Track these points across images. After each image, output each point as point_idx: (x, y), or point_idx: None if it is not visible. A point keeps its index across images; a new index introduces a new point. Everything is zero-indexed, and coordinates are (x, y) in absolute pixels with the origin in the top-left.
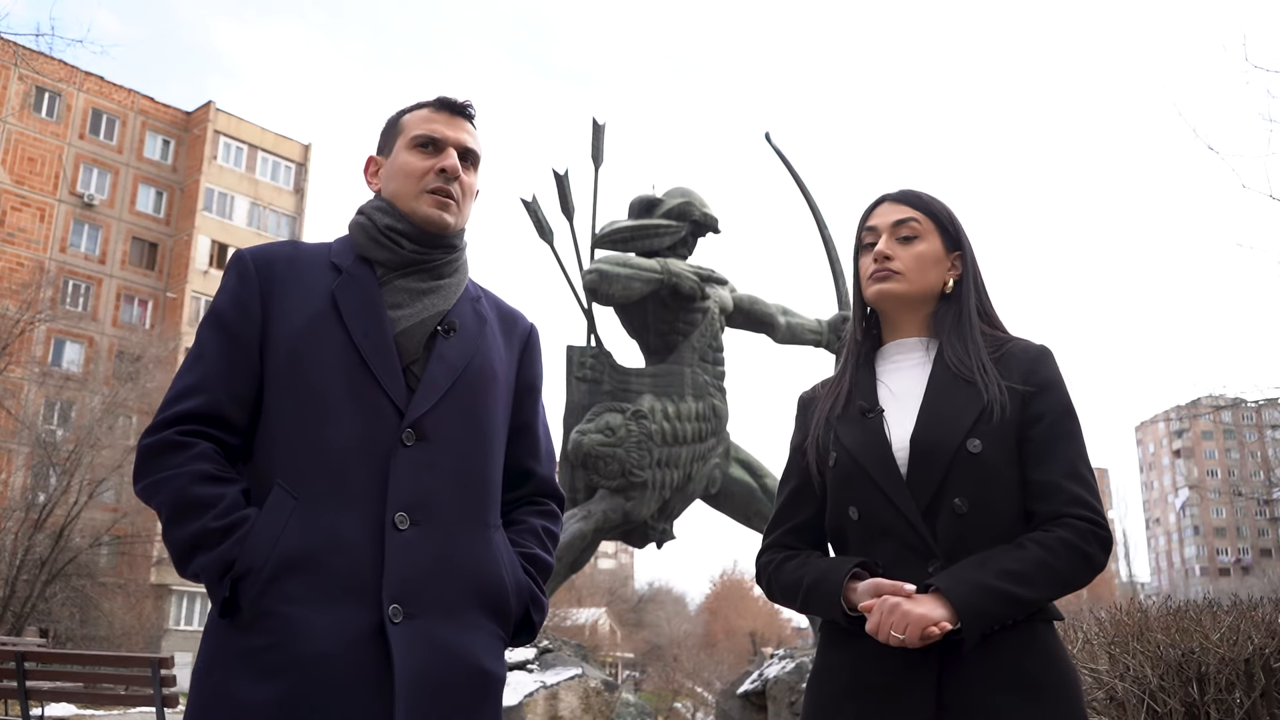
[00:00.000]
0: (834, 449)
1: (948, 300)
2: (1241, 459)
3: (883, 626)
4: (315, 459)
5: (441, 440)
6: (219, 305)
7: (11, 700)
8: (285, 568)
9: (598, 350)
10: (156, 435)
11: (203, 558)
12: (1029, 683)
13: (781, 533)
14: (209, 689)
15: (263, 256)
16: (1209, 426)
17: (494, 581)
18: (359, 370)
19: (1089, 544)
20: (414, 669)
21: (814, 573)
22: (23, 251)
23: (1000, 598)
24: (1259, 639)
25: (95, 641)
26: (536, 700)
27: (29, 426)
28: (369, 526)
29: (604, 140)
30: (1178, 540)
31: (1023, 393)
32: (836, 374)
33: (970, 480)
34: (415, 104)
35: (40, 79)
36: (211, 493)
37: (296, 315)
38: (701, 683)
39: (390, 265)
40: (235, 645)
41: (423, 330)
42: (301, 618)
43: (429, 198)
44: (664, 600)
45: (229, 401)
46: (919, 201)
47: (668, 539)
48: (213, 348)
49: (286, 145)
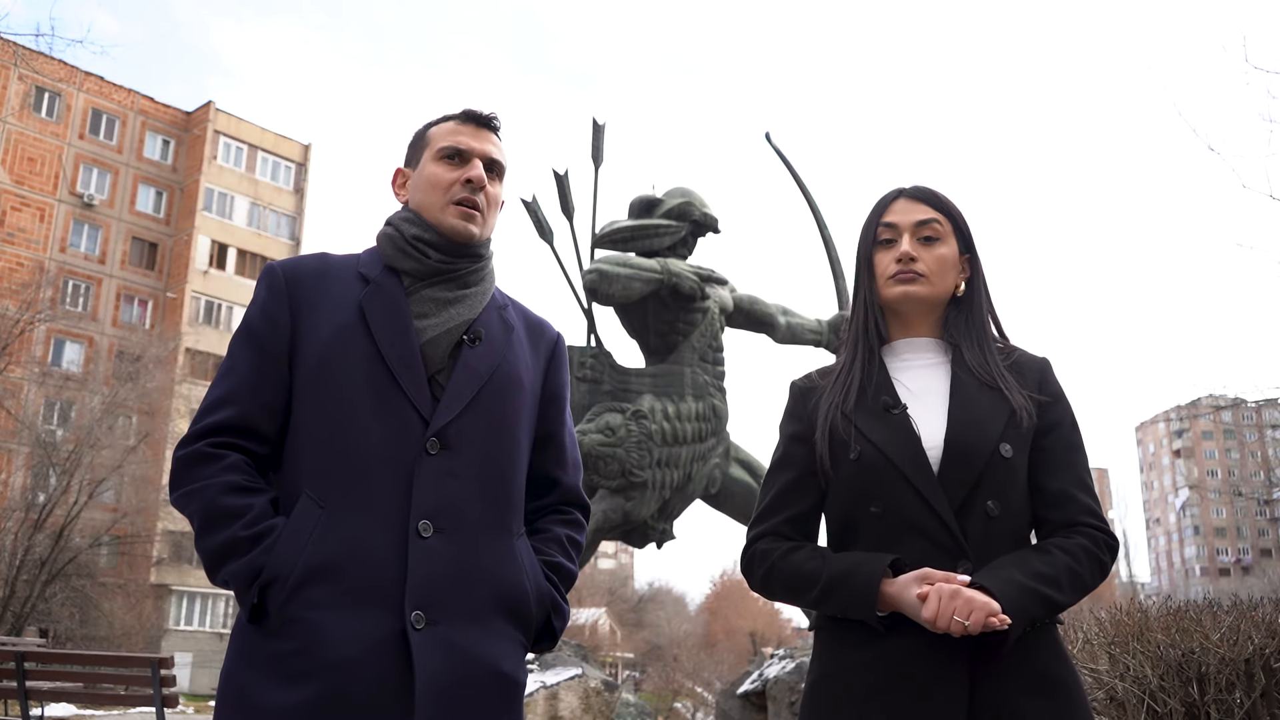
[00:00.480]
0: (857, 443)
1: (958, 303)
2: (1241, 459)
3: (943, 612)
4: (341, 467)
5: (466, 448)
6: (250, 317)
7: (11, 700)
8: (311, 574)
9: (598, 350)
10: (189, 448)
11: (231, 565)
12: (1047, 682)
13: (779, 521)
14: (236, 692)
15: (292, 269)
16: (1209, 426)
17: (516, 588)
18: (385, 380)
19: (1103, 552)
20: (435, 674)
21: (838, 566)
22: (23, 251)
23: (1039, 599)
24: (1259, 639)
25: (95, 641)
26: (536, 700)
27: (29, 426)
28: (392, 534)
29: (604, 140)
30: (1178, 540)
31: (1039, 402)
32: (841, 365)
33: (1002, 484)
34: (442, 117)
35: (40, 79)
36: (240, 503)
37: (324, 326)
38: (701, 683)
39: (417, 275)
40: (262, 650)
41: (448, 339)
42: (327, 623)
43: (455, 208)
44: (664, 600)
45: (259, 413)
46: (939, 202)
47: (668, 539)
48: (243, 360)
49: (286, 145)
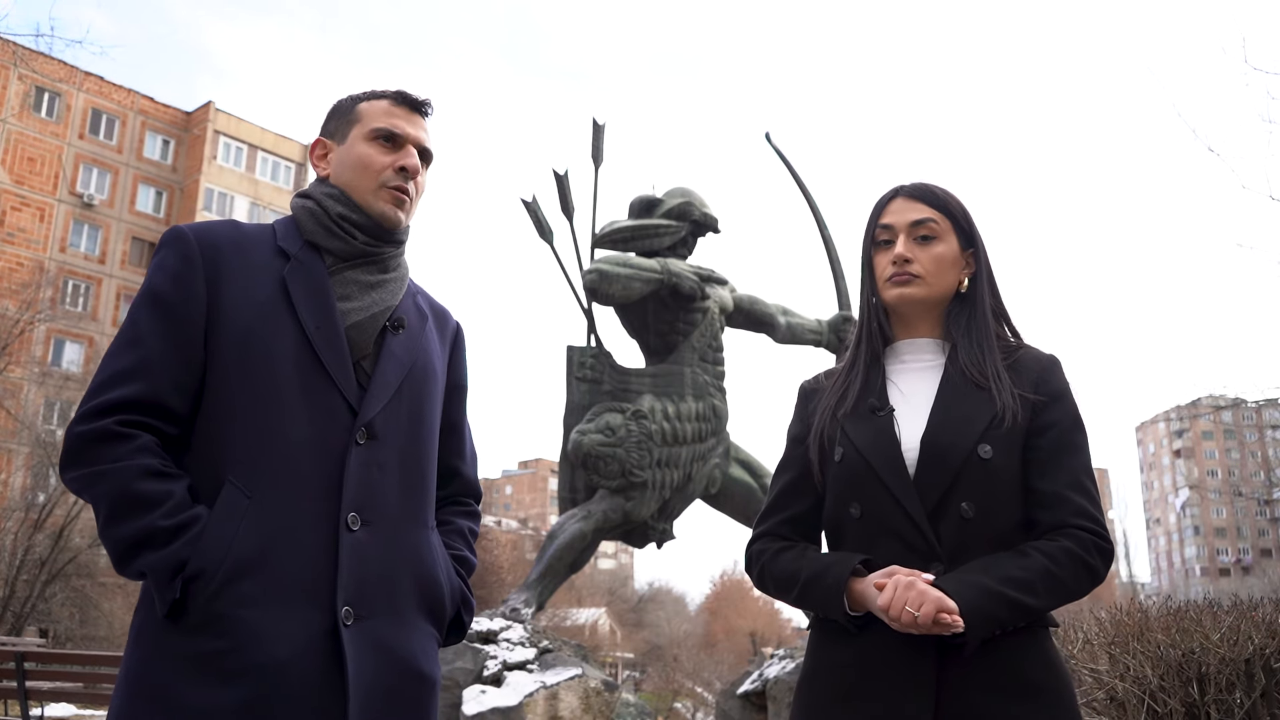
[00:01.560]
0: (841, 445)
1: (962, 300)
2: (1241, 459)
3: (896, 602)
4: (270, 456)
5: (389, 439)
6: (158, 285)
7: (11, 700)
8: (240, 569)
9: (598, 350)
10: (92, 423)
11: (149, 556)
12: (1027, 688)
13: (776, 522)
14: (152, 691)
15: (206, 235)
16: (1209, 426)
17: (433, 583)
18: (311, 363)
19: (1091, 555)
20: (366, 673)
21: (813, 566)
22: (23, 251)
23: (1005, 603)
24: (1259, 639)
25: (95, 641)
26: (536, 700)
27: (29, 426)
28: (321, 526)
29: (604, 140)
30: (1178, 540)
31: (1034, 401)
32: (843, 367)
33: (979, 485)
34: (372, 92)
35: (40, 79)
36: (158, 489)
37: (245, 301)
38: (701, 683)
39: (340, 255)
40: (182, 648)
41: (374, 325)
42: (258, 621)
43: (388, 193)
44: (664, 600)
45: (170, 390)
46: (936, 199)
47: (668, 539)
48: (152, 331)
49: (286, 145)
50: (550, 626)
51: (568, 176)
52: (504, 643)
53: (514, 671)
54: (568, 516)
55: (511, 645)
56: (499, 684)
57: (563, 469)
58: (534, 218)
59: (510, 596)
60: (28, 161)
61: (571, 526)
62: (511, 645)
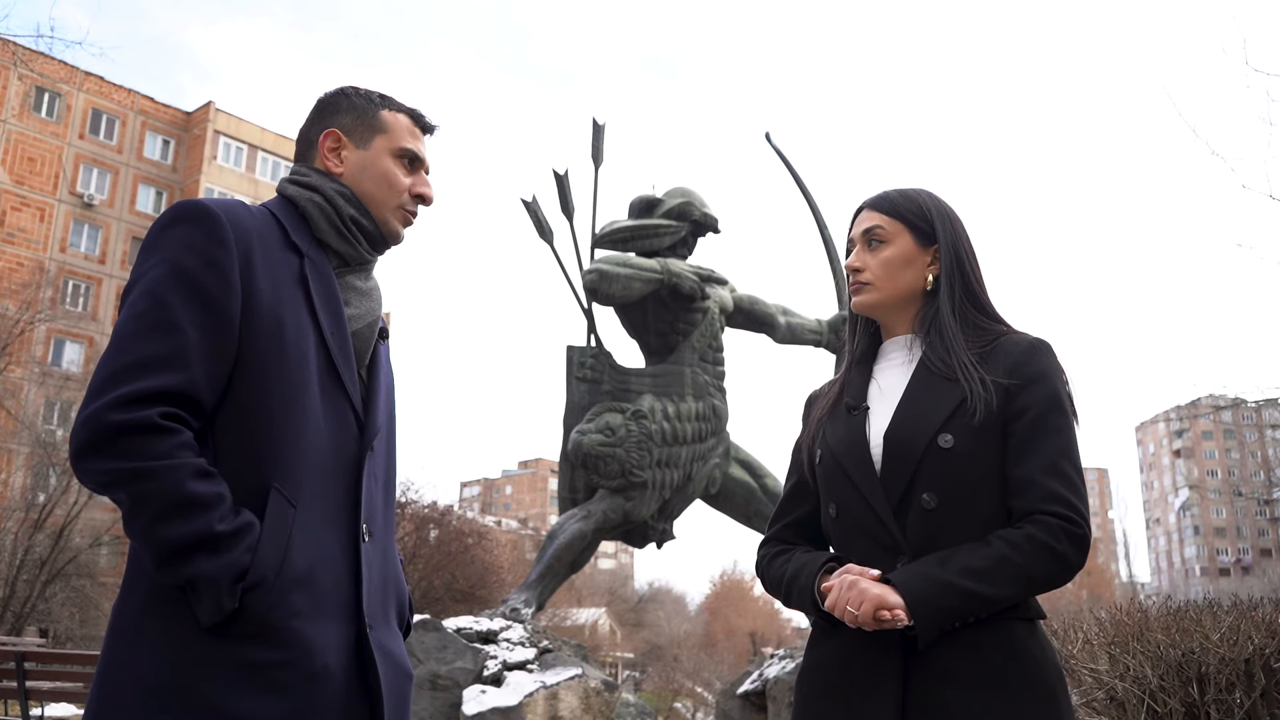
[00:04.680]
0: (820, 446)
1: (932, 296)
2: (1241, 459)
3: (840, 602)
4: (303, 463)
5: (379, 450)
6: (189, 266)
7: (11, 700)
8: (292, 580)
9: (598, 350)
10: (131, 412)
11: (206, 562)
12: (998, 680)
13: (780, 527)
14: (193, 703)
15: (236, 219)
16: (1209, 426)
17: (401, 590)
18: (328, 369)
19: (1058, 541)
20: (388, 679)
21: (793, 568)
22: (23, 251)
23: (957, 594)
24: (1259, 639)
25: (95, 641)
26: (536, 700)
27: (29, 426)
28: (344, 538)
29: (604, 140)
30: (1178, 540)
31: (1007, 386)
32: (840, 373)
33: (939, 475)
34: (390, 100)
35: (40, 79)
36: (210, 491)
37: (273, 298)
38: (701, 683)
39: (344, 259)
40: (231, 657)
41: (371, 333)
42: (308, 632)
43: (401, 214)
44: (664, 600)
45: (205, 384)
46: (886, 204)
47: (668, 539)
48: (188, 319)
49: (286, 145)
50: (550, 626)
51: (568, 176)
52: (504, 643)
53: (514, 671)
54: (568, 516)
55: (511, 645)
56: (499, 684)
57: (563, 469)
58: (534, 218)
59: (510, 596)
60: (28, 161)
61: (571, 526)
62: (511, 645)
